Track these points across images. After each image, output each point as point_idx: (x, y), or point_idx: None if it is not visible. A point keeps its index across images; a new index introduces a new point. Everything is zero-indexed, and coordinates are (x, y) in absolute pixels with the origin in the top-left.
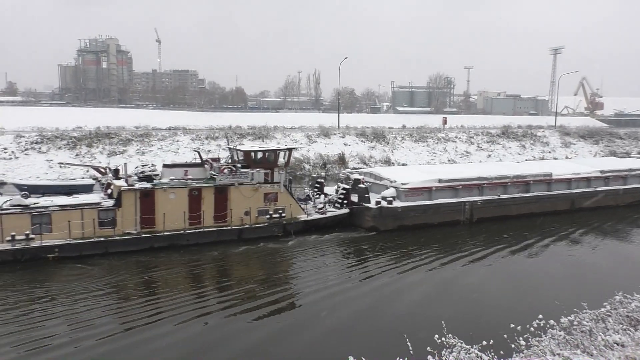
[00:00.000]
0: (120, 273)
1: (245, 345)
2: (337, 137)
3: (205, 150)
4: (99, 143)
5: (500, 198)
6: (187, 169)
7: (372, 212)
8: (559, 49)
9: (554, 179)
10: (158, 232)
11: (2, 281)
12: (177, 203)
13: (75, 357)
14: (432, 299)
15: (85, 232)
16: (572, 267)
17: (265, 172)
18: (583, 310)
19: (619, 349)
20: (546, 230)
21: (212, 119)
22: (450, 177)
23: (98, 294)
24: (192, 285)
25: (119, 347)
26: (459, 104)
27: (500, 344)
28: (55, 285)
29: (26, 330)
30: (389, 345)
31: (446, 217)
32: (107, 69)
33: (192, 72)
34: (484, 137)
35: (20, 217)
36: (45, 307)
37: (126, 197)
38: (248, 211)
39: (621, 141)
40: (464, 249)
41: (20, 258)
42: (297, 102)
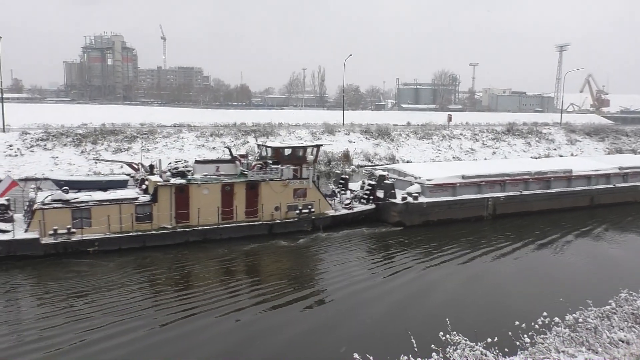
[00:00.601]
0: (157, 267)
1: (270, 342)
2: (341, 134)
3: (210, 147)
4: (104, 140)
5: (522, 194)
6: (219, 165)
7: (399, 208)
8: (565, 46)
9: (574, 175)
10: (192, 226)
11: (45, 274)
12: (211, 198)
13: (114, 351)
14: (451, 296)
15: (123, 227)
16: (586, 263)
17: (294, 168)
18: (588, 307)
19: (624, 347)
20: (566, 226)
21: (216, 116)
22: (474, 173)
23: (135, 287)
24: (225, 280)
25: (156, 342)
26: (464, 101)
27: (504, 342)
28: (94, 279)
29: (69, 322)
30: (393, 343)
31: (470, 212)
32: (112, 66)
33: (197, 69)
34: (489, 134)
35: (62, 212)
36: (86, 300)
37: (162, 193)
38: (278, 206)
39: (627, 138)
40: (489, 245)
41: (62, 251)
42: (302, 99)
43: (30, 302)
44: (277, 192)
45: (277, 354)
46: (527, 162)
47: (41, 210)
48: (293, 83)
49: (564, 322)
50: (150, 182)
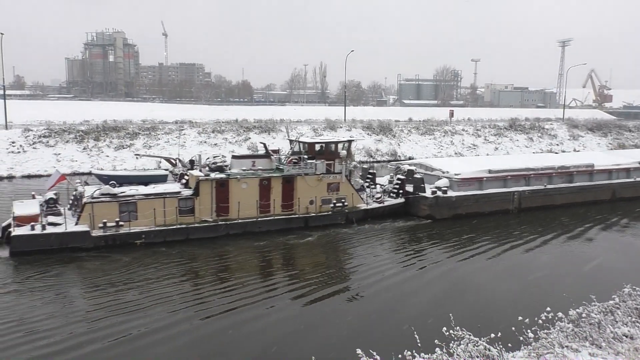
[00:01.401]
0: (200, 259)
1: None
2: (343, 130)
3: (211, 143)
4: (106, 137)
5: (546, 188)
6: (255, 160)
7: (429, 201)
8: (567, 41)
9: (595, 169)
10: (232, 219)
11: (95, 266)
12: (249, 192)
13: (159, 346)
14: (484, 291)
15: (167, 220)
16: (615, 256)
17: (328, 163)
18: (592, 302)
19: (627, 341)
20: (591, 220)
21: (218, 113)
22: (500, 167)
23: (179, 279)
24: (264, 272)
25: (199, 336)
26: (466, 96)
27: (508, 337)
28: (141, 271)
29: (115, 315)
30: (397, 339)
31: (496, 206)
32: (114, 63)
33: (199, 66)
34: (491, 129)
35: (110, 205)
36: (132, 293)
37: (203, 187)
38: (313, 200)
39: (630, 134)
40: (519, 238)
41: (111, 243)
42: (304, 95)
43: (79, 293)
44: (311, 186)
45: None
46: (550, 157)
47: (91, 204)
48: (294, 79)
49: (568, 317)
50: (192, 176)
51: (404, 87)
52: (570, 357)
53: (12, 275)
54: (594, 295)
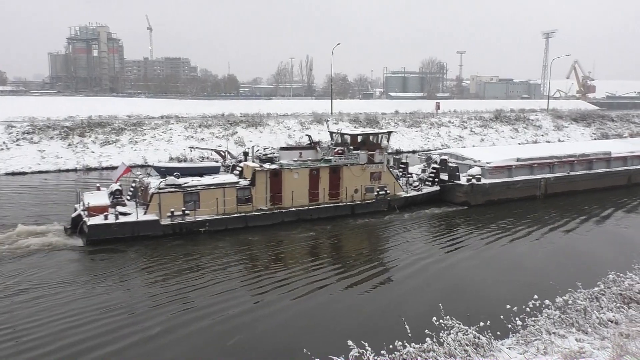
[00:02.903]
0: (258, 245)
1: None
2: (330, 123)
3: (198, 138)
4: (92, 132)
5: (570, 175)
6: (301, 151)
7: (464, 189)
8: (552, 32)
9: (612, 157)
10: (286, 208)
11: (164, 253)
12: (300, 182)
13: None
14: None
15: (227, 209)
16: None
17: (370, 153)
18: (577, 289)
19: (613, 326)
20: (612, 203)
21: (204, 107)
22: (527, 156)
23: (237, 265)
24: (314, 258)
25: (249, 320)
26: (452, 88)
27: (497, 325)
28: (205, 257)
29: (176, 300)
30: (387, 328)
31: (525, 192)
32: (98, 57)
33: (184, 60)
34: (477, 121)
35: (175, 195)
36: (197, 277)
37: (259, 177)
38: (357, 189)
39: (613, 123)
40: (555, 222)
41: (178, 231)
42: (290, 89)
43: (150, 280)
44: (356, 175)
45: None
46: (570, 145)
47: (158, 194)
48: (281, 73)
49: (555, 305)
50: (248, 167)
51: (390, 79)
52: (557, 343)
53: (95, 262)
54: (579, 282)
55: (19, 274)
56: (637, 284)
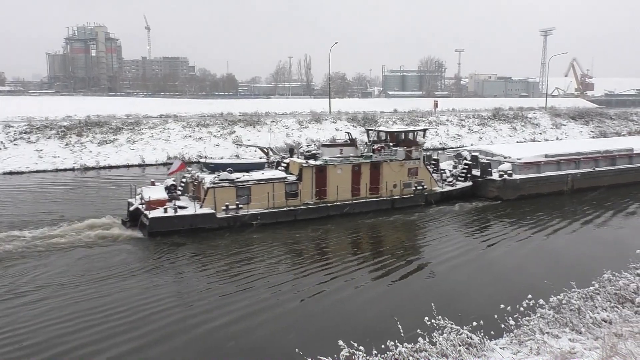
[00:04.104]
0: (306, 238)
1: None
2: (328, 122)
3: (196, 137)
4: (89, 132)
5: (595, 170)
6: (342, 148)
7: (497, 184)
8: (550, 30)
9: (635, 153)
10: (331, 202)
11: (218, 245)
12: (343, 177)
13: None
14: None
15: (276, 203)
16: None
17: (407, 150)
18: (572, 289)
19: (606, 326)
20: (633, 198)
21: (203, 106)
22: (555, 152)
23: (283, 257)
24: (359, 250)
25: (296, 317)
26: (450, 87)
27: (490, 324)
28: (255, 249)
29: (247, 289)
30: (379, 329)
31: (554, 187)
32: (96, 57)
33: (183, 59)
34: (475, 119)
35: (228, 190)
36: (246, 269)
37: (306, 172)
38: (396, 184)
39: (611, 121)
40: (585, 215)
41: (232, 224)
42: (289, 88)
43: (214, 269)
44: (395, 171)
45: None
46: (594, 142)
47: (213, 189)
48: (279, 72)
49: (549, 304)
50: (295, 163)
51: (388, 78)
52: (551, 344)
53: (159, 252)
54: (574, 282)
55: (94, 261)
56: (632, 284)
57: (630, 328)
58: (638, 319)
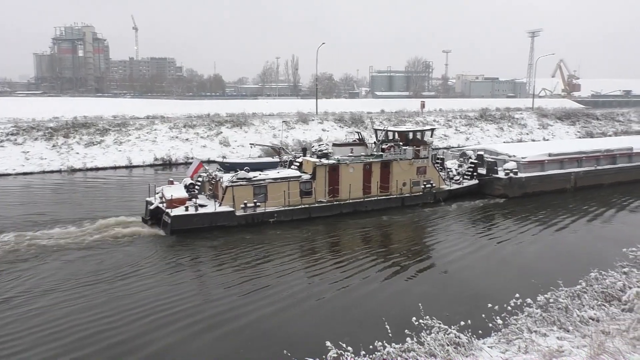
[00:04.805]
0: (319, 235)
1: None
2: (315, 123)
3: (183, 138)
4: (76, 133)
5: (597, 169)
6: (352, 147)
7: (503, 182)
8: (537, 31)
9: (634, 152)
10: (344, 200)
11: (237, 240)
12: (355, 176)
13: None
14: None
15: (291, 201)
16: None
17: (416, 149)
18: (559, 287)
19: (594, 324)
20: (634, 196)
21: (190, 107)
22: (558, 151)
23: (296, 254)
24: (367, 247)
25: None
26: (438, 87)
27: (478, 323)
28: (271, 246)
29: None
30: (367, 330)
31: (557, 185)
32: (84, 58)
33: (170, 60)
34: (462, 120)
35: (246, 188)
36: (262, 266)
37: (319, 171)
38: (406, 182)
39: (597, 122)
40: (589, 212)
41: (250, 222)
42: (276, 89)
43: (228, 268)
44: (404, 170)
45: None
46: (594, 142)
47: (231, 187)
48: (267, 72)
49: (536, 303)
50: (309, 162)
51: (376, 78)
52: (538, 342)
53: (190, 249)
54: (561, 281)
55: (123, 259)
56: (618, 282)
57: (618, 326)
58: (625, 317)
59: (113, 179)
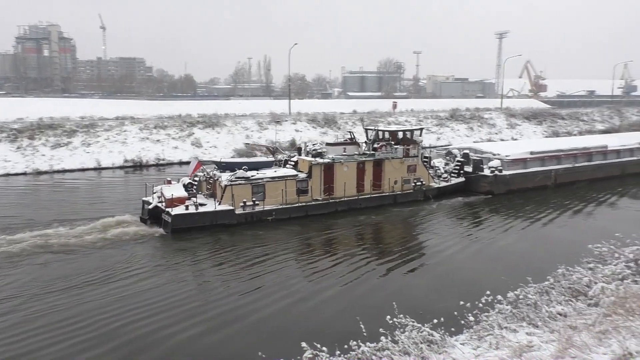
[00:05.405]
0: (315, 232)
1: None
2: (288, 123)
3: (154, 140)
4: (42, 135)
5: (575, 166)
6: (345, 147)
7: (489, 179)
8: (505, 33)
9: (608, 150)
10: (339, 198)
11: (236, 239)
12: (349, 174)
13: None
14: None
15: (288, 199)
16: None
17: (406, 148)
18: (528, 284)
19: (562, 319)
20: (613, 191)
21: (161, 108)
22: (539, 149)
23: (292, 253)
24: (360, 243)
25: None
26: (409, 88)
27: (450, 321)
28: (269, 244)
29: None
30: (339, 331)
31: (539, 182)
32: (49, 57)
33: (139, 60)
34: (433, 120)
35: (245, 187)
36: (261, 263)
37: (315, 170)
38: (397, 180)
39: (563, 121)
40: (568, 208)
41: (249, 220)
42: (248, 89)
43: (231, 266)
44: (396, 168)
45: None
46: (572, 140)
47: (230, 186)
48: (239, 73)
49: (506, 299)
50: (304, 161)
51: (348, 79)
52: (509, 338)
53: (193, 247)
54: (530, 277)
55: (123, 260)
56: (584, 277)
57: (584, 320)
58: (591, 312)
59: (80, 181)
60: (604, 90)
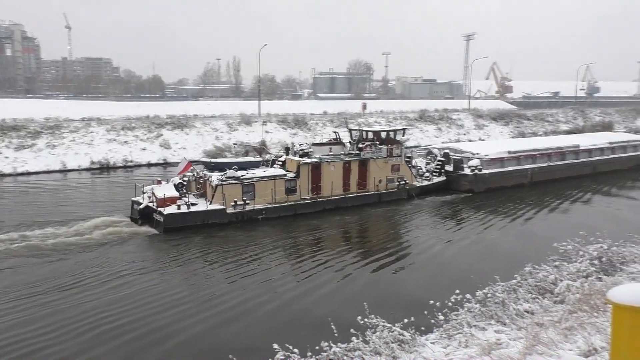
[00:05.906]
0: (302, 231)
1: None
2: (258, 124)
3: (121, 141)
4: (5, 137)
5: (549, 165)
6: (331, 147)
7: (469, 178)
8: (472, 35)
9: (580, 149)
10: (326, 197)
11: (228, 238)
12: (336, 174)
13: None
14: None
15: (277, 198)
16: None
17: (390, 148)
18: (496, 282)
19: (529, 317)
20: (587, 188)
21: (128, 109)
22: (516, 149)
23: (282, 251)
24: (346, 242)
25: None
26: (379, 89)
27: (420, 320)
28: (260, 243)
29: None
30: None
31: (516, 180)
32: (12, 57)
33: (106, 60)
34: (402, 121)
35: (235, 187)
36: (251, 261)
37: (303, 170)
38: (381, 179)
39: (529, 122)
40: (547, 205)
41: (240, 219)
42: (218, 90)
43: (218, 266)
44: (380, 167)
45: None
46: (546, 140)
47: (221, 186)
48: (208, 73)
49: (475, 298)
50: (292, 161)
51: (318, 80)
52: (478, 336)
53: (185, 247)
54: (497, 276)
55: (119, 260)
56: (550, 275)
57: (551, 317)
58: (557, 308)
59: (45, 183)
60: (568, 92)
